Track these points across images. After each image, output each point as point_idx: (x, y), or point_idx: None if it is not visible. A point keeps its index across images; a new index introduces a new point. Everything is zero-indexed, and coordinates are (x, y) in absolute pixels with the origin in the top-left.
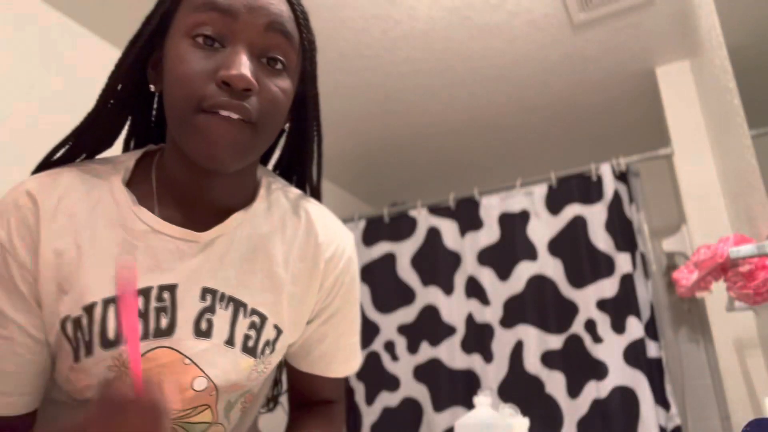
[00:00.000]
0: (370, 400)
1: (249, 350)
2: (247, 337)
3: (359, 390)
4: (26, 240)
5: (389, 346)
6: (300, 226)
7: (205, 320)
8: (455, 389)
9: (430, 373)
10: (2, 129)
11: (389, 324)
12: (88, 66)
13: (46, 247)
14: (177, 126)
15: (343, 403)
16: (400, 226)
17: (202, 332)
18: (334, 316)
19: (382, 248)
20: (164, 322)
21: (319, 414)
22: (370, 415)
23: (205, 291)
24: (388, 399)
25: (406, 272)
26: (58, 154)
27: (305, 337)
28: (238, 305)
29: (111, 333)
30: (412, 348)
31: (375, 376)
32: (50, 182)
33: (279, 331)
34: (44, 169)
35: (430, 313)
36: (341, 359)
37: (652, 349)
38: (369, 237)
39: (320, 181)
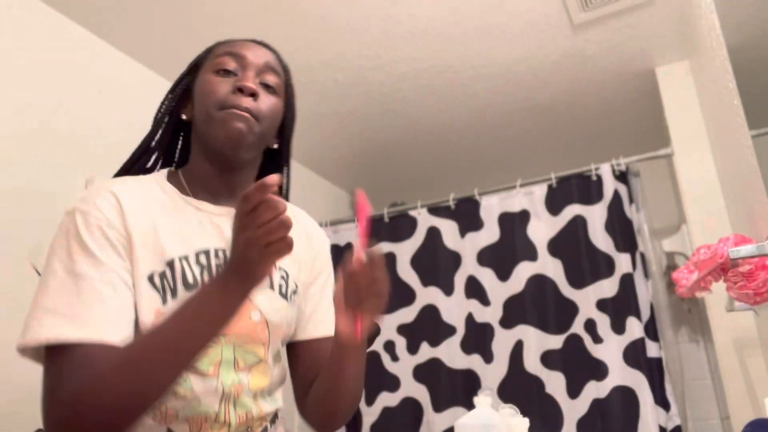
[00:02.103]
0: (370, 400)
1: (282, 294)
2: (280, 285)
3: None
4: (119, 217)
5: (389, 346)
6: (293, 214)
7: None
8: (455, 389)
9: (430, 373)
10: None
11: (389, 324)
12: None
13: (129, 224)
14: (206, 122)
15: None
16: (400, 226)
17: None
18: (326, 283)
19: (381, 248)
20: None
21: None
22: (370, 415)
23: None
24: (388, 399)
25: (406, 272)
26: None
27: (311, 303)
28: None
29: (190, 278)
30: (412, 348)
31: (375, 376)
32: (119, 183)
33: (296, 287)
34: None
35: (430, 313)
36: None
37: (652, 349)
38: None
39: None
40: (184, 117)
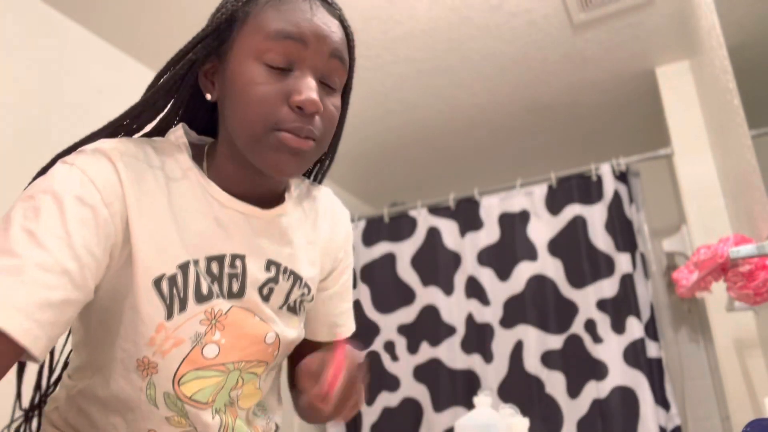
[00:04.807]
0: (370, 400)
1: (295, 311)
2: (297, 303)
3: None
4: (117, 202)
5: (389, 346)
6: (318, 206)
7: (268, 288)
8: (455, 389)
9: (430, 373)
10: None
11: (389, 324)
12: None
13: (132, 211)
14: (248, 141)
15: None
16: (400, 226)
17: (264, 297)
18: (343, 277)
19: (382, 248)
20: (235, 286)
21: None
22: (370, 415)
23: (270, 263)
24: (388, 399)
25: (406, 272)
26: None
27: (321, 302)
28: (296, 278)
29: (204, 289)
30: (412, 348)
31: (375, 376)
32: (126, 149)
33: (312, 295)
34: (86, 143)
35: (430, 313)
36: (345, 322)
37: (652, 349)
38: (369, 237)
39: (327, 171)
40: (208, 97)
